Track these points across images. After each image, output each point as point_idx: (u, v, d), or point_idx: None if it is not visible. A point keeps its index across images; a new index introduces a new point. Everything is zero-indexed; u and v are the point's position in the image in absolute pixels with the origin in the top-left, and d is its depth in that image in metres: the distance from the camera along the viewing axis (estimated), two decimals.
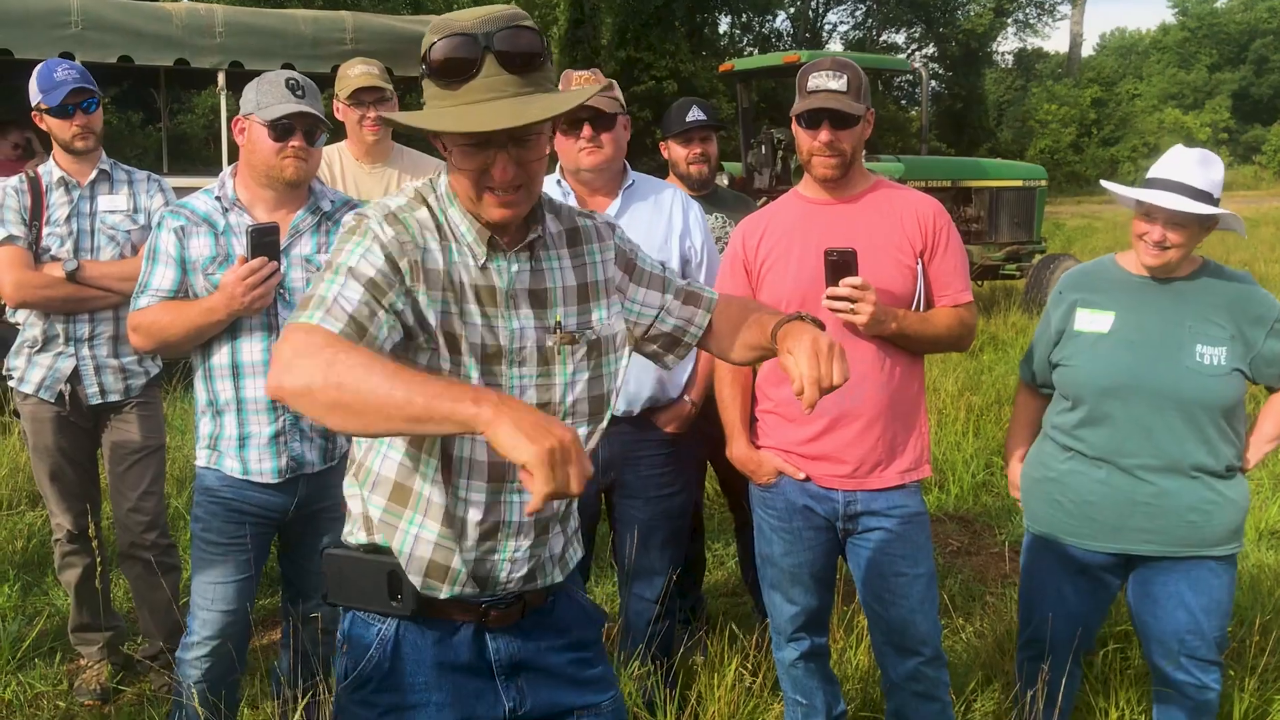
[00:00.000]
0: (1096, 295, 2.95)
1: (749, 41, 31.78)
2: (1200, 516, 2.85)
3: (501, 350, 1.86)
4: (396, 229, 1.78)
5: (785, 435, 2.96)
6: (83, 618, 3.90)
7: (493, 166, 1.73)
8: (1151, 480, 2.85)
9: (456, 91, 1.69)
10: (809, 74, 2.86)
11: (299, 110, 2.80)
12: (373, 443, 1.90)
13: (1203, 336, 2.81)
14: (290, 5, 17.25)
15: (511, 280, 1.87)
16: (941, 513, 5.67)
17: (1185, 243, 2.78)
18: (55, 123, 3.56)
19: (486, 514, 1.87)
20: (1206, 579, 2.89)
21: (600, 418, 1.99)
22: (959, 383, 7.78)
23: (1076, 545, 2.98)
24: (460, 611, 1.93)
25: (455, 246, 1.84)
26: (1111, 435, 2.89)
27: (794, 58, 11.46)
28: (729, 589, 4.74)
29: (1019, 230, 12.24)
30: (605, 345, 1.98)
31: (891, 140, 25.39)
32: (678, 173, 4.10)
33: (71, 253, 3.57)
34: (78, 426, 3.70)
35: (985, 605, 4.45)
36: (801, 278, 2.86)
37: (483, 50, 1.68)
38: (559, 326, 1.91)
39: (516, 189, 1.76)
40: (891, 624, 2.94)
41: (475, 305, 1.83)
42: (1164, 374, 2.81)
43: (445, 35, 1.69)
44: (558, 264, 1.94)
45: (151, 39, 7.63)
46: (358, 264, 1.72)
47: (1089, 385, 2.91)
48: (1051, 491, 3.02)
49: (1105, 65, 44.63)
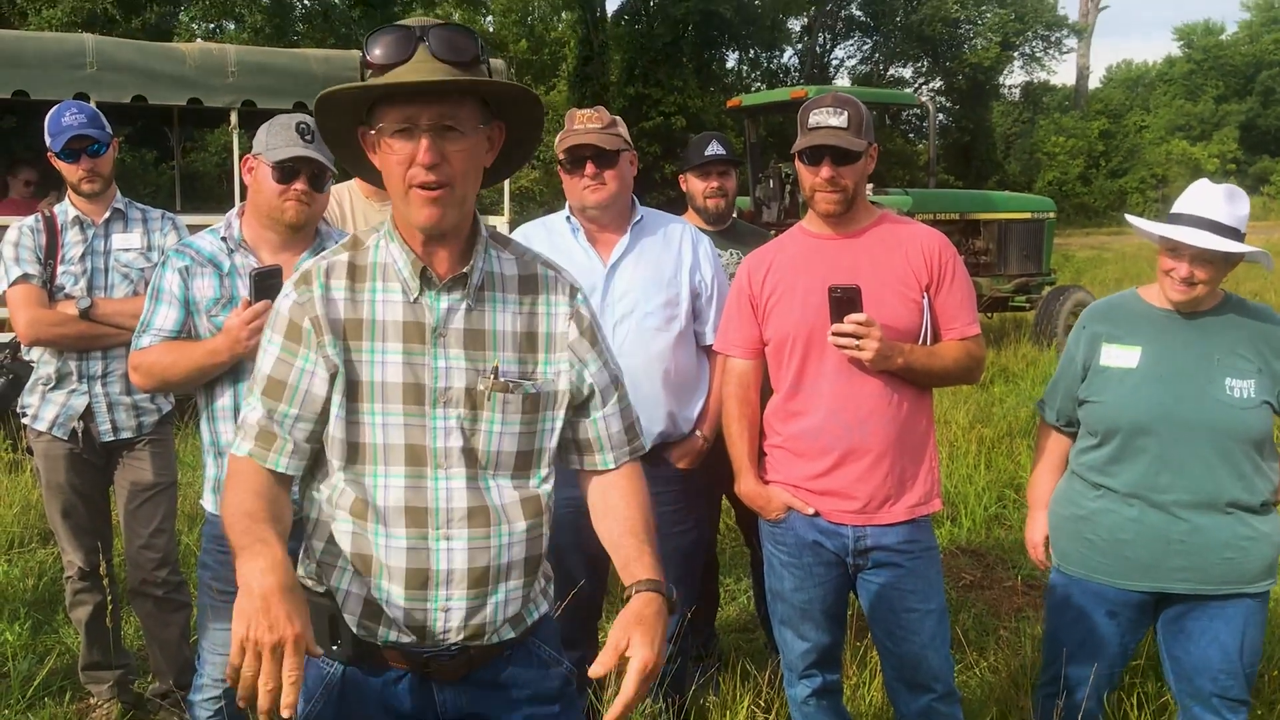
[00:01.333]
0: (1121, 330, 2.92)
1: (757, 77, 32.02)
2: (1236, 553, 2.80)
3: (424, 389, 1.84)
4: (299, 290, 1.85)
5: (794, 470, 2.95)
6: (93, 656, 3.89)
7: (416, 152, 1.74)
8: (1186, 517, 2.81)
9: (386, 76, 1.73)
10: (810, 111, 2.88)
11: (304, 155, 2.82)
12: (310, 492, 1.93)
13: (1231, 370, 2.79)
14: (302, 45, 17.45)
15: (442, 316, 1.86)
16: (954, 546, 5.64)
17: (1212, 278, 2.76)
18: (63, 166, 3.62)
19: (409, 560, 1.84)
20: (1241, 617, 2.85)
21: (526, 475, 1.93)
22: (970, 415, 7.75)
23: (1109, 584, 2.93)
24: (400, 659, 1.90)
25: (379, 285, 1.86)
26: (1144, 471, 2.84)
27: (801, 93, 11.53)
28: (741, 624, 4.71)
29: (1028, 262, 12.24)
30: (544, 400, 1.93)
31: (900, 174, 25.48)
32: (695, 206, 4.13)
33: (85, 291, 3.60)
34: (90, 464, 3.71)
35: (999, 640, 4.42)
36: (807, 313, 2.86)
37: (416, 40, 1.74)
38: (495, 372, 1.87)
39: (442, 185, 1.76)
40: (903, 660, 2.92)
41: (398, 343, 1.84)
42: (1196, 407, 2.78)
43: (384, 29, 1.77)
44: (502, 308, 1.91)
45: (165, 79, 7.73)
46: (260, 365, 1.87)
47: (1120, 421, 2.86)
48: (1082, 530, 2.97)
49: (1112, 97, 44.80)
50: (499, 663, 1.96)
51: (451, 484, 1.86)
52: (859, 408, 2.85)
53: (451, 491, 1.86)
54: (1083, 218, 35.05)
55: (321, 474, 1.91)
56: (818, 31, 33.49)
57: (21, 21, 15.39)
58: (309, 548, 1.93)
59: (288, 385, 1.84)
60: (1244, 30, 50.30)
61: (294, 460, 1.86)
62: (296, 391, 1.84)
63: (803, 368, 2.90)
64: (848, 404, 2.85)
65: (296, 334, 1.84)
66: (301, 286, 1.85)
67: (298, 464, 1.87)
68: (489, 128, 1.83)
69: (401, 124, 1.74)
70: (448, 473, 1.86)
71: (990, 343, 11.07)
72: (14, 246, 3.59)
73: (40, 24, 14.72)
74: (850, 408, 2.85)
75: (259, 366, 1.87)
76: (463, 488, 1.86)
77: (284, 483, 1.87)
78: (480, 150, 1.81)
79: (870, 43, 35.07)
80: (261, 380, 1.86)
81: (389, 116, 1.75)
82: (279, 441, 1.84)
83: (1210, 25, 50.37)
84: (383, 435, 1.84)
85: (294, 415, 1.84)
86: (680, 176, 4.21)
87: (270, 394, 1.84)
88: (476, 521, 1.87)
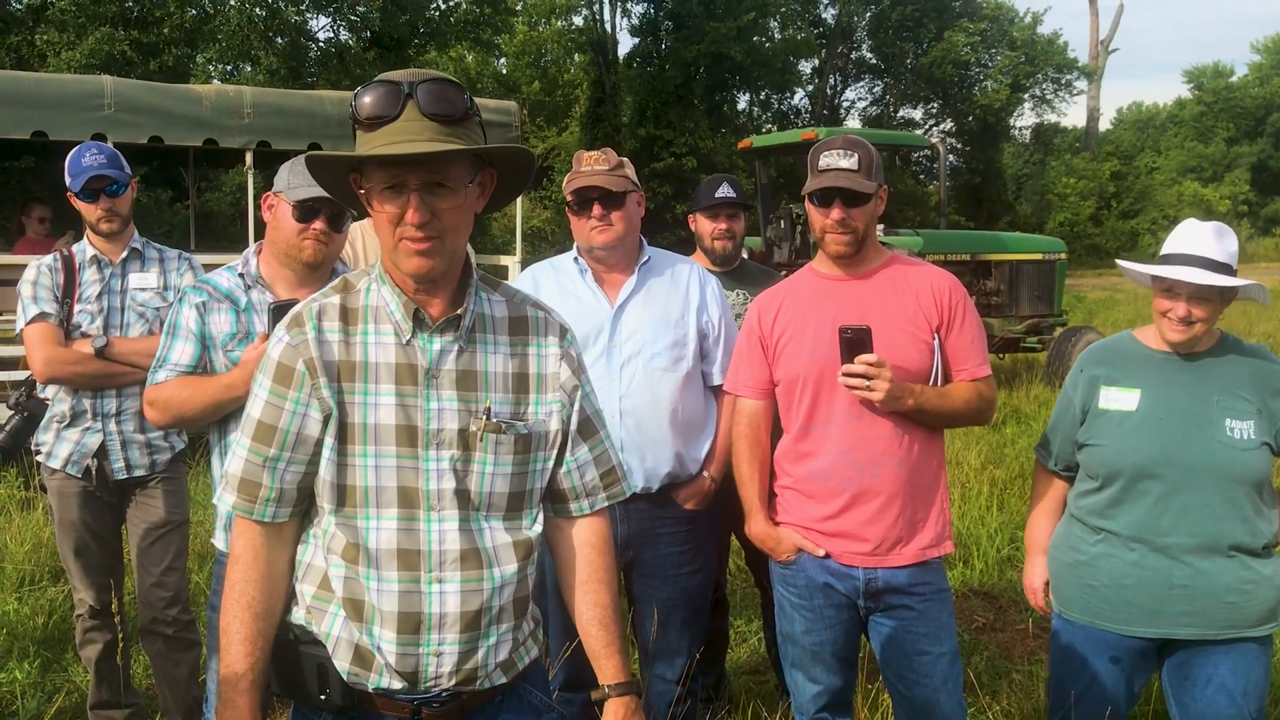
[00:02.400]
0: (1119, 372, 2.91)
1: (768, 118, 32.24)
2: (1239, 597, 2.78)
3: (416, 431, 1.85)
4: (292, 333, 1.86)
5: (804, 512, 2.95)
6: (102, 694, 3.88)
7: (406, 210, 1.76)
8: (1188, 561, 2.78)
9: (376, 134, 1.76)
10: (820, 153, 2.90)
11: (325, 195, 2.84)
12: (303, 535, 1.93)
13: (1231, 411, 2.78)
14: (317, 86, 17.65)
15: (434, 358, 1.87)
16: (966, 588, 5.60)
17: (1210, 316, 2.76)
18: (82, 206, 3.67)
19: (402, 604, 1.84)
20: (1246, 661, 2.82)
21: (519, 515, 1.94)
22: (982, 456, 7.73)
23: (1112, 631, 2.90)
24: (390, 707, 1.89)
25: (371, 327, 1.87)
26: (1145, 515, 2.82)
27: (812, 134, 11.59)
28: (752, 666, 4.68)
29: (1039, 303, 12.24)
30: (536, 441, 1.94)
31: (910, 214, 25.58)
32: (703, 247, 4.15)
33: (101, 329, 3.63)
34: (103, 501, 3.72)
35: (1012, 683, 4.38)
36: (817, 354, 2.87)
37: (405, 97, 1.75)
38: (488, 413, 1.88)
39: (431, 238, 1.77)
40: (915, 704, 2.89)
41: (390, 385, 1.85)
42: (1197, 450, 2.77)
43: (373, 83, 1.79)
44: (493, 349, 1.92)
45: (182, 120, 7.83)
46: (249, 410, 1.89)
47: (1120, 464, 2.84)
48: (1084, 576, 2.94)
49: (1123, 139, 44.94)
50: (490, 709, 1.96)
51: (444, 526, 1.86)
52: (870, 449, 2.85)
53: (444, 534, 1.86)
54: (1094, 259, 35.04)
55: (312, 517, 1.92)
56: (828, 74, 33.75)
57: (41, 64, 15.62)
58: (299, 593, 1.92)
59: (278, 429, 1.84)
60: (1254, 72, 50.55)
61: (281, 509, 1.87)
62: (288, 435, 1.84)
63: (813, 409, 2.91)
64: (858, 445, 2.85)
65: (287, 377, 1.84)
66: (294, 329, 1.86)
67: (285, 511, 1.88)
68: (480, 175, 1.85)
69: (390, 183, 1.76)
70: (440, 515, 1.86)
71: (1002, 384, 11.05)
72: (32, 285, 3.63)
73: (60, 66, 14.94)
74: (861, 449, 2.85)
75: (248, 412, 1.88)
76: (455, 530, 1.86)
77: (280, 539, 1.90)
78: (471, 201, 1.83)
79: (881, 85, 35.31)
80: (251, 425, 1.86)
81: (377, 176, 1.77)
82: (264, 490, 1.85)
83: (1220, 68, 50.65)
84: (375, 477, 1.85)
85: (285, 459, 1.85)
86: (690, 216, 4.24)
87: (260, 439, 1.85)
88: (469, 564, 1.87)
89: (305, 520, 1.93)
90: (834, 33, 32.96)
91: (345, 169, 1.84)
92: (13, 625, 4.84)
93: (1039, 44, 35.47)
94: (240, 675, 1.80)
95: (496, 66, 30.44)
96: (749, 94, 31.45)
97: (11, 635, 4.76)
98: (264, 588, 1.86)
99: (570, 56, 31.30)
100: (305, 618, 1.90)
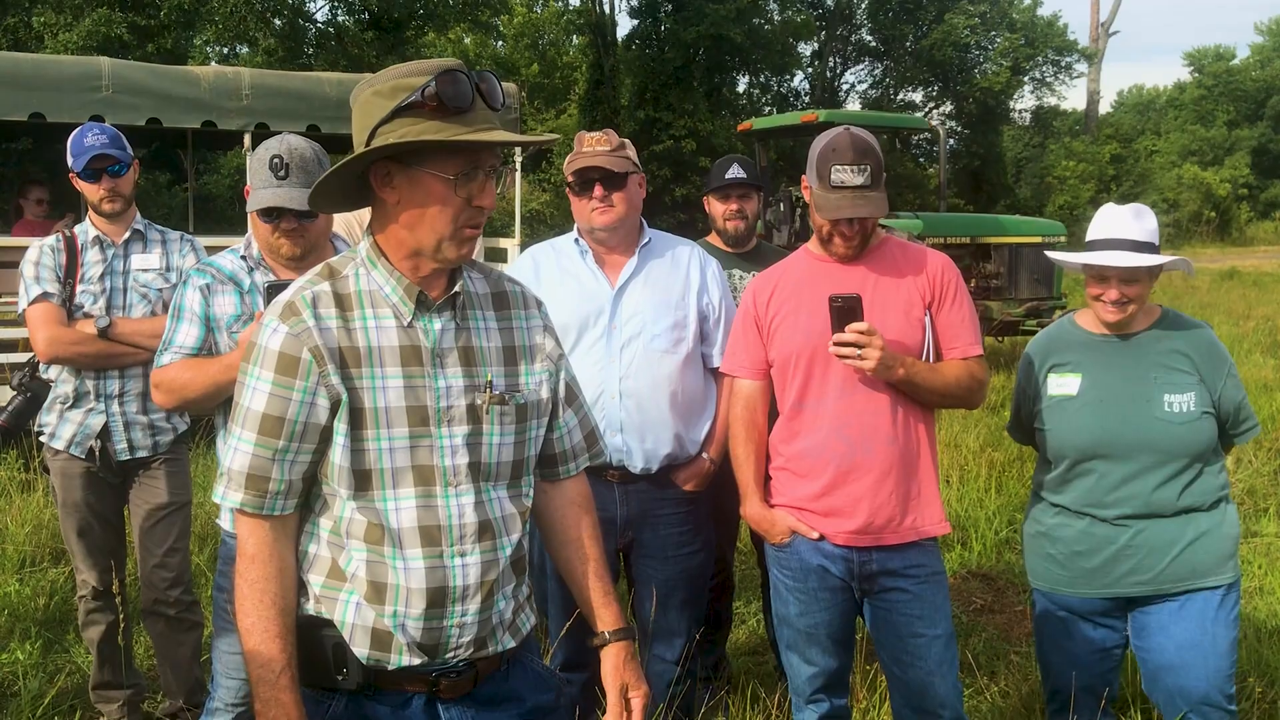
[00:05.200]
0: (1063, 359, 3.04)
1: (767, 101, 32.12)
2: (1186, 550, 2.91)
3: (428, 411, 1.88)
4: (290, 322, 1.84)
5: (796, 491, 2.96)
6: (104, 675, 3.91)
7: (479, 191, 1.84)
8: (1131, 525, 2.92)
9: (461, 119, 1.79)
10: (831, 165, 2.81)
11: (276, 206, 2.77)
12: (305, 526, 1.94)
13: (1169, 385, 2.90)
14: (315, 68, 17.59)
15: (437, 338, 1.91)
16: (964, 570, 5.63)
17: (1141, 294, 2.91)
18: (85, 186, 3.67)
19: (429, 580, 1.87)
20: (1200, 609, 2.91)
21: (519, 483, 2.01)
22: (980, 439, 7.75)
23: (1072, 595, 3.04)
24: (410, 682, 1.92)
25: (369, 312, 1.89)
26: (1090, 490, 2.98)
27: (811, 116, 11.58)
28: (751, 647, 4.71)
29: (1039, 286, 12.25)
30: (530, 410, 2.01)
31: (910, 198, 25.51)
32: (716, 228, 4.16)
33: (104, 310, 3.64)
34: (106, 483, 3.74)
35: (1010, 664, 4.41)
36: (811, 332, 2.88)
37: (474, 86, 1.82)
38: (489, 385, 1.94)
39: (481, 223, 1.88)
40: (910, 686, 2.91)
41: (396, 368, 1.87)
42: (1135, 429, 2.90)
43: (442, 71, 1.80)
44: (483, 324, 1.99)
45: (180, 102, 7.81)
46: (248, 404, 1.85)
47: (1064, 448, 2.99)
48: (1044, 546, 3.10)
49: (1123, 122, 44.79)
50: (499, 676, 2.01)
51: (462, 500, 1.91)
52: (862, 425, 2.86)
53: (463, 508, 1.91)
54: None
55: (319, 508, 1.92)
56: (828, 56, 33.61)
57: (39, 46, 15.56)
58: (305, 583, 1.92)
59: (286, 420, 1.83)
60: (1255, 55, 50.32)
61: (289, 500, 1.87)
62: (296, 425, 1.84)
63: (805, 385, 2.92)
64: (850, 421, 2.86)
65: (291, 367, 1.83)
66: (291, 318, 1.85)
67: (293, 503, 1.88)
68: None
69: (466, 169, 1.82)
70: (457, 490, 1.91)
71: (1001, 367, 11.05)
72: (34, 265, 3.64)
73: (57, 48, 14.88)
74: (853, 424, 2.86)
75: (247, 405, 1.85)
76: (472, 503, 1.92)
77: (288, 531, 1.90)
78: None
79: (880, 67, 35.16)
80: (254, 419, 1.84)
81: (450, 164, 1.81)
82: (273, 484, 1.85)
83: (1221, 50, 50.38)
84: (390, 459, 1.87)
85: (294, 450, 1.85)
86: (704, 198, 4.24)
87: (266, 432, 1.83)
88: (485, 535, 1.93)
89: (309, 509, 1.94)
90: (834, 15, 32.81)
91: (368, 162, 1.85)
92: (14, 606, 4.86)
93: (1039, 26, 35.33)
94: (279, 672, 1.81)
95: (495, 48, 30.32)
96: (749, 76, 31.30)
97: (13, 616, 4.79)
98: (282, 582, 1.86)
99: (569, 38, 31.17)
100: (315, 608, 1.92)
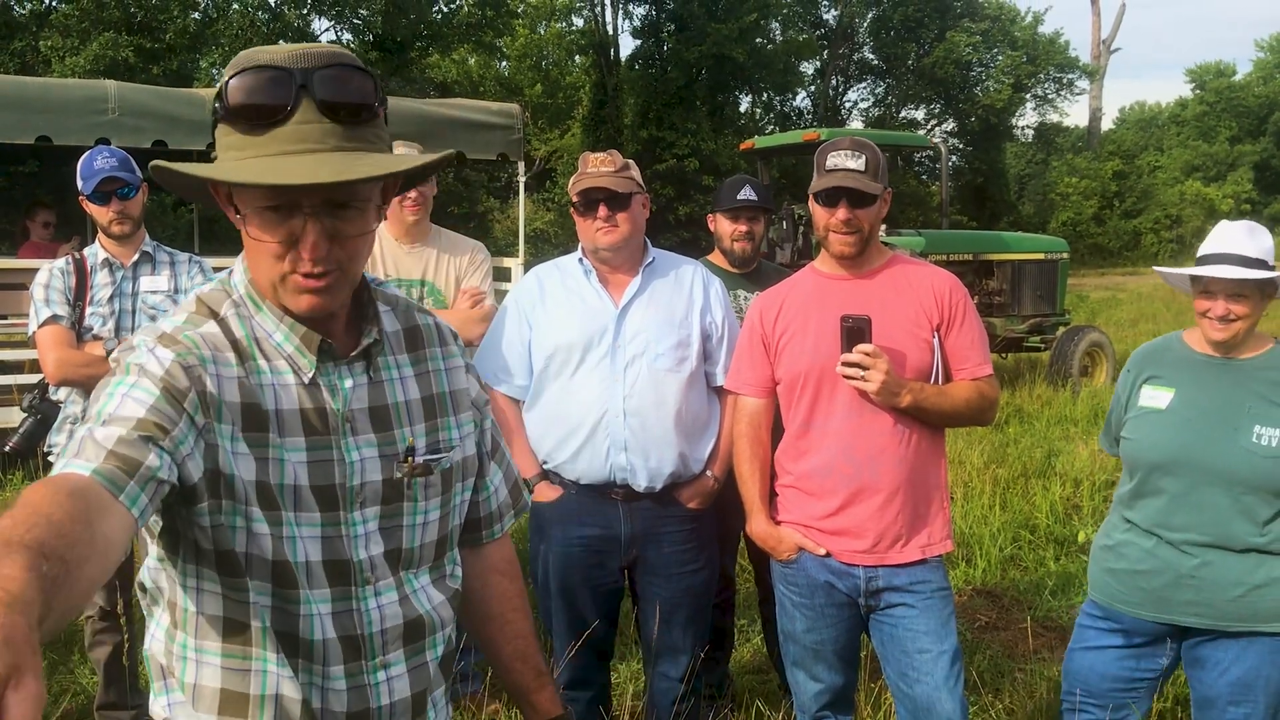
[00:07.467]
0: (1161, 371, 3.00)
1: (770, 120, 32.26)
2: (1249, 591, 2.82)
3: (337, 490, 1.48)
4: (175, 349, 1.40)
5: (805, 510, 2.97)
6: (109, 696, 3.91)
7: (301, 239, 1.36)
8: (1197, 554, 2.85)
9: (260, 138, 1.33)
10: (828, 153, 2.92)
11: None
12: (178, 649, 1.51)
13: (1262, 417, 2.80)
14: None
15: (348, 397, 1.50)
16: (969, 587, 5.62)
17: (1249, 313, 2.82)
18: (94, 208, 3.70)
19: (351, 703, 1.51)
20: (1258, 654, 2.85)
21: (442, 563, 1.64)
22: (985, 456, 7.74)
23: (1126, 612, 3.00)
24: None
25: (264, 365, 1.46)
26: (1161, 510, 2.91)
27: (814, 135, 11.60)
28: (755, 665, 4.70)
29: (1042, 302, 12.25)
30: (456, 473, 1.63)
31: (913, 214, 25.59)
32: (722, 247, 4.17)
33: (113, 332, 3.67)
34: None
35: (1015, 681, 4.40)
36: (819, 352, 2.89)
37: (298, 90, 1.33)
38: (411, 453, 1.55)
39: (330, 272, 1.40)
40: (916, 702, 2.91)
41: (299, 437, 1.46)
42: (1217, 453, 2.81)
43: (249, 68, 1.34)
44: (398, 373, 1.58)
45: (185, 124, 7.85)
46: (117, 408, 1.33)
47: (1141, 459, 2.95)
48: (1108, 560, 3.07)
49: (1125, 138, 44.90)
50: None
51: (383, 599, 1.54)
52: (870, 445, 2.87)
53: (384, 609, 1.54)
54: (1097, 258, 35.03)
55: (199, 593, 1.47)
56: (830, 75, 33.76)
57: (46, 69, 15.68)
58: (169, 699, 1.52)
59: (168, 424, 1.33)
60: (1257, 71, 50.46)
61: (151, 505, 1.28)
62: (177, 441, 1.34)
63: (814, 406, 2.93)
64: (858, 442, 2.87)
65: (174, 395, 1.36)
66: (176, 347, 1.41)
67: (151, 515, 1.32)
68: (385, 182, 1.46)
69: (272, 202, 1.35)
70: (377, 587, 1.54)
71: (1005, 383, 11.06)
72: (44, 288, 3.66)
73: (64, 71, 15.00)
74: (861, 445, 2.87)
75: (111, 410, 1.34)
76: (394, 601, 1.55)
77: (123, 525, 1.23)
78: (375, 216, 1.45)
79: (883, 85, 35.32)
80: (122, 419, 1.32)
81: (254, 194, 1.35)
82: (145, 468, 1.27)
83: (1222, 66, 50.53)
84: (303, 552, 1.46)
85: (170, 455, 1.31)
86: (709, 216, 4.26)
87: (140, 427, 1.31)
88: (411, 637, 1.57)
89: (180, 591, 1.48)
90: (836, 34, 32.99)
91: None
92: None
93: (1041, 44, 35.51)
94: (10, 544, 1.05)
95: (499, 69, 30.49)
96: (751, 95, 31.47)
97: None
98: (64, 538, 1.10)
99: (572, 59, 31.34)
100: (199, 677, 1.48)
